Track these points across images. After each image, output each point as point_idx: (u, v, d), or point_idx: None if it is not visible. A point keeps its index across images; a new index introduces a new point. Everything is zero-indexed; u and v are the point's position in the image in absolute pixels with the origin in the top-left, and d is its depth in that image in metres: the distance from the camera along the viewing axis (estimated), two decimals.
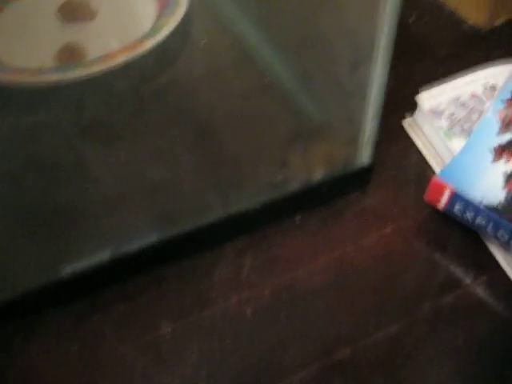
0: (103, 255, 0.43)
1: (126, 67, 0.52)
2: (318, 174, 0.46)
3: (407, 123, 0.53)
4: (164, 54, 0.54)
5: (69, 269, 0.43)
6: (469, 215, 0.43)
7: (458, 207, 0.43)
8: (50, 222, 0.43)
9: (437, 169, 0.49)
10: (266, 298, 0.43)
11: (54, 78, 0.53)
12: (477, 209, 0.43)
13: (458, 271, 0.45)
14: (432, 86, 0.53)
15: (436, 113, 0.50)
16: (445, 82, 0.52)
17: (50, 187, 0.44)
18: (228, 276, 0.44)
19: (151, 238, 0.44)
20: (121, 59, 0.53)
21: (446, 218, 0.46)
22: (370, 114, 0.44)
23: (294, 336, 0.42)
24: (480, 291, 0.44)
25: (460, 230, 0.46)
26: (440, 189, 0.44)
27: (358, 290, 0.44)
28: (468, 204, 0.43)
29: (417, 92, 0.53)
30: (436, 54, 0.59)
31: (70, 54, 0.56)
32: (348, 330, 0.42)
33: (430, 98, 0.51)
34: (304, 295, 0.43)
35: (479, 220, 0.43)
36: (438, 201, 0.44)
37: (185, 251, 0.45)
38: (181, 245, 0.45)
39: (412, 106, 0.53)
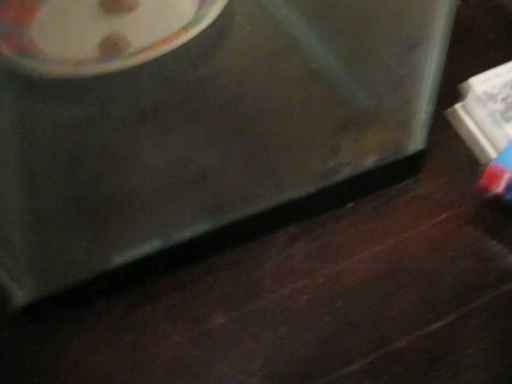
0: (154, 244, 0.43)
1: (171, 57, 0.51)
2: (371, 160, 0.45)
3: (460, 108, 0.52)
4: (208, 42, 0.53)
5: (119, 258, 0.43)
6: None
7: None
8: (100, 211, 0.43)
9: (492, 153, 0.48)
10: (320, 286, 0.42)
11: (97, 69, 0.53)
12: None
13: None
14: (483, 70, 0.51)
15: (491, 96, 0.49)
16: (498, 66, 0.51)
17: (101, 177, 0.43)
18: (281, 264, 0.44)
19: (202, 226, 0.43)
20: (164, 49, 0.52)
21: (501, 205, 0.45)
22: (425, 98, 0.43)
23: (351, 324, 0.41)
24: None
25: None
26: (498, 173, 0.43)
27: (414, 278, 0.43)
28: None
29: (467, 77, 0.51)
30: (486, 39, 0.58)
31: (113, 45, 0.56)
32: (405, 318, 0.41)
33: (484, 82, 0.50)
34: (359, 283, 0.42)
35: None
36: (496, 186, 0.43)
37: (236, 240, 0.44)
38: (232, 233, 0.44)
39: (461, 92, 0.52)
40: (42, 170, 0.44)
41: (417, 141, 0.46)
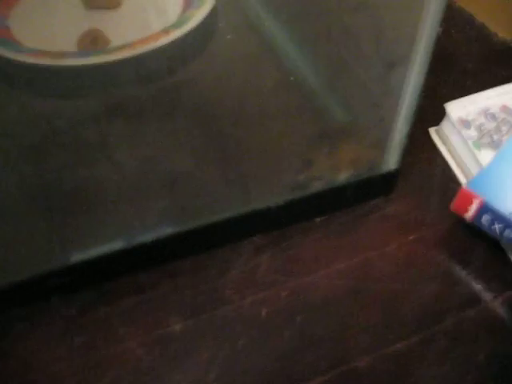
0: (115, 244, 0.42)
1: (149, 58, 0.51)
2: (343, 176, 0.45)
3: (434, 132, 0.52)
4: (189, 47, 0.52)
5: (78, 255, 0.41)
6: (497, 227, 0.42)
7: (486, 218, 0.42)
8: (62, 205, 0.42)
9: (462, 179, 0.48)
10: (282, 300, 0.41)
11: (75, 62, 0.52)
12: (506, 220, 0.41)
13: (480, 285, 0.43)
14: (460, 97, 0.52)
15: (465, 122, 0.49)
16: (474, 93, 0.51)
17: (66, 171, 0.42)
18: (244, 274, 0.43)
19: (167, 230, 0.42)
20: (143, 49, 0.52)
21: (470, 230, 0.45)
22: (402, 118, 0.43)
23: (311, 340, 0.40)
24: (503, 308, 0.42)
25: (484, 244, 0.45)
26: (469, 198, 0.43)
27: (378, 297, 0.42)
28: (497, 215, 0.41)
29: (444, 102, 0.52)
30: (464, 67, 0.58)
31: (91, 41, 0.55)
32: (366, 338, 0.40)
33: (459, 108, 0.50)
34: (322, 299, 0.42)
35: (508, 232, 0.42)
36: (466, 211, 0.43)
37: (201, 246, 0.43)
38: (197, 239, 0.43)
39: (439, 116, 0.52)
40: (3, 159, 0.42)
41: (391, 160, 0.45)
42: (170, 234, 0.42)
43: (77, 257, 0.41)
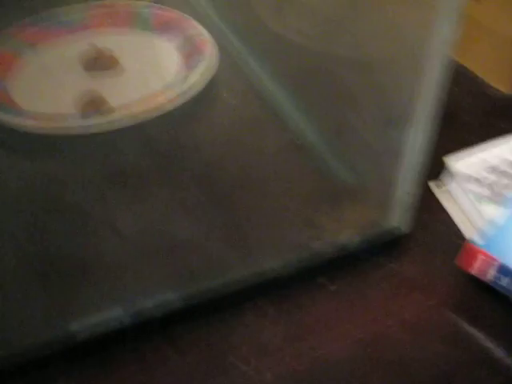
0: (118, 315, 0.40)
1: (151, 122, 0.51)
2: (347, 237, 0.44)
3: (434, 186, 0.51)
4: (189, 108, 0.53)
5: (79, 329, 0.40)
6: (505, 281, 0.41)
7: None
8: (61, 272, 0.41)
9: (466, 233, 0.47)
10: (288, 367, 0.40)
11: (75, 124, 0.52)
12: None
13: (491, 343, 0.42)
14: (460, 151, 0.51)
15: (465, 176, 0.49)
16: (479, 149, 0.51)
17: (66, 238, 0.41)
18: (247, 340, 0.41)
19: (168, 296, 0.41)
20: (146, 116, 0.52)
21: (479, 287, 0.44)
22: (408, 179, 0.42)
23: None
24: None
25: (494, 301, 0.44)
26: (480, 258, 0.42)
27: (388, 363, 0.41)
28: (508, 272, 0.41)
29: (442, 155, 0.51)
30: (463, 120, 0.58)
31: (89, 103, 0.55)
32: None
33: (459, 161, 0.50)
34: (328, 366, 0.40)
35: None
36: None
37: (202, 311, 0.42)
38: (198, 304, 0.42)
39: (437, 169, 0.52)
40: (2, 225, 0.42)
41: (400, 223, 0.45)
42: (171, 301, 0.41)
43: (78, 328, 0.40)
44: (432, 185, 0.52)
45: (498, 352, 0.41)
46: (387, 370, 0.40)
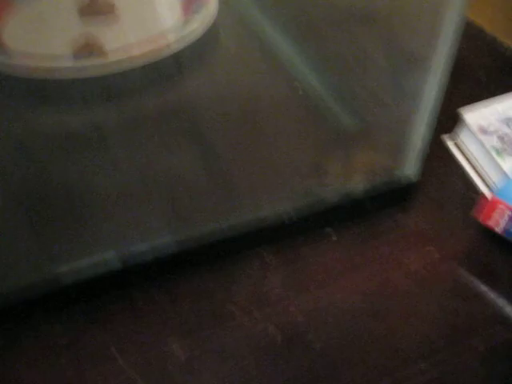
0: (109, 260, 0.37)
1: (149, 67, 0.48)
2: (357, 185, 0.41)
3: (448, 140, 0.49)
4: (191, 55, 0.50)
5: (68, 272, 0.37)
6: None
7: None
8: (51, 213, 0.38)
9: (483, 188, 0.45)
10: (291, 317, 0.37)
11: (69, 65, 0.49)
12: None
13: (508, 302, 0.39)
14: (475, 106, 0.49)
15: (482, 128, 0.46)
16: (493, 102, 0.48)
17: (57, 178, 0.38)
18: (249, 290, 0.38)
19: (164, 242, 0.38)
20: (144, 61, 0.49)
21: (494, 242, 0.41)
22: (421, 121, 0.40)
23: (325, 363, 0.36)
24: None
25: (508, 255, 0.41)
26: (499, 208, 0.39)
27: (399, 315, 0.38)
28: None
29: (455, 109, 0.49)
30: (475, 77, 0.56)
31: (85, 45, 0.52)
32: (388, 358, 0.36)
33: (474, 113, 0.47)
34: (336, 317, 0.37)
35: None
36: (494, 220, 0.39)
37: (201, 260, 0.39)
38: (198, 252, 0.39)
39: (451, 124, 0.49)
40: None
41: (408, 169, 0.42)
42: (168, 247, 0.38)
43: (65, 272, 0.37)
44: (446, 138, 0.49)
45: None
46: (392, 322, 0.37)
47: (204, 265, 0.39)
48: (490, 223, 0.40)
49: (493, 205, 0.39)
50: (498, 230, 0.40)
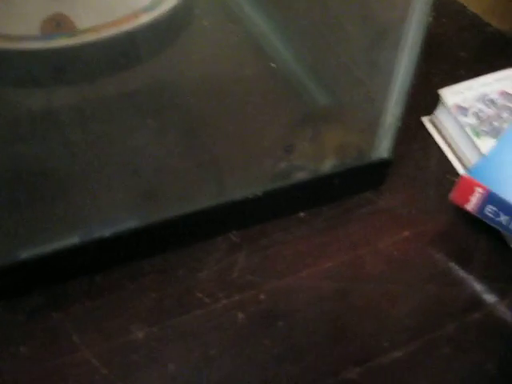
0: (69, 240, 0.36)
1: (116, 42, 0.46)
2: (329, 165, 0.40)
3: (427, 121, 0.47)
4: (161, 32, 0.48)
5: (26, 251, 0.35)
6: (503, 218, 0.37)
7: (490, 209, 0.37)
8: (9, 193, 0.36)
9: (460, 169, 0.44)
10: (260, 304, 0.36)
11: (36, 45, 0.48)
12: None
13: (483, 286, 0.38)
14: (455, 86, 0.47)
15: (462, 109, 0.45)
16: (473, 82, 0.47)
17: (15, 155, 0.37)
18: (217, 275, 0.37)
19: (129, 224, 0.37)
20: (110, 32, 0.47)
21: (470, 224, 0.40)
22: (394, 99, 0.38)
23: (293, 350, 0.35)
24: (510, 311, 0.37)
25: (486, 239, 0.40)
26: (471, 187, 0.38)
27: (371, 299, 0.37)
28: (503, 205, 0.37)
29: (436, 90, 0.47)
30: (457, 55, 0.54)
31: (57, 25, 0.50)
32: (358, 346, 0.35)
33: (455, 94, 0.46)
34: (306, 302, 0.36)
35: None
36: (467, 201, 0.38)
37: (167, 243, 0.38)
38: (163, 234, 0.38)
39: (431, 105, 0.48)
40: None
41: (381, 148, 0.41)
42: (132, 229, 0.37)
43: (24, 253, 0.35)
44: (425, 120, 0.48)
45: (491, 296, 0.38)
46: (362, 306, 0.36)
47: (171, 248, 0.38)
48: (465, 204, 0.39)
49: (467, 185, 0.38)
50: (473, 211, 0.39)
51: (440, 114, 0.46)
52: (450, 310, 0.37)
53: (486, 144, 0.42)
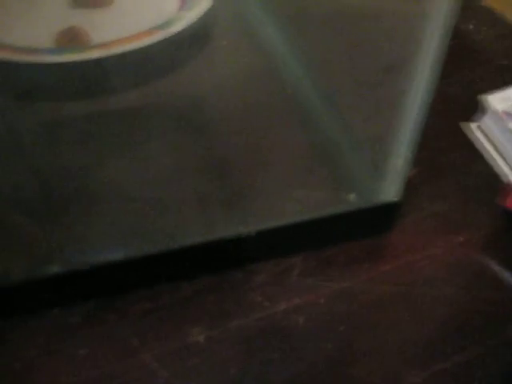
0: (130, 247, 0.36)
1: (129, 58, 0.46)
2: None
3: (472, 126, 0.47)
4: (177, 50, 0.48)
5: (87, 258, 0.35)
6: None
7: None
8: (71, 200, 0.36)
9: (509, 173, 0.43)
10: (321, 307, 0.36)
11: (49, 59, 0.48)
12: None
13: None
14: (497, 91, 0.47)
15: (506, 115, 0.44)
16: None
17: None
18: (275, 278, 0.37)
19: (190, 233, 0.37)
20: (124, 48, 0.47)
21: None
22: (404, 138, 0.37)
23: (355, 354, 0.34)
24: None
25: None
26: None
27: (430, 303, 0.37)
28: None
29: (476, 97, 0.47)
30: (499, 63, 0.54)
31: (71, 39, 0.50)
32: (419, 350, 0.35)
33: (503, 101, 0.45)
34: (366, 306, 0.36)
35: None
36: None
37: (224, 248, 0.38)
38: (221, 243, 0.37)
39: (471, 112, 0.48)
40: None
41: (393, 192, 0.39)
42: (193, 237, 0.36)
43: (84, 260, 0.35)
44: (468, 126, 0.47)
45: None
46: (426, 309, 0.36)
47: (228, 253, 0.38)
48: None
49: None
50: None
51: (483, 118, 0.46)
52: (509, 314, 0.37)
53: None
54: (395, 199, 0.38)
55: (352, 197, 0.38)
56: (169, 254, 0.36)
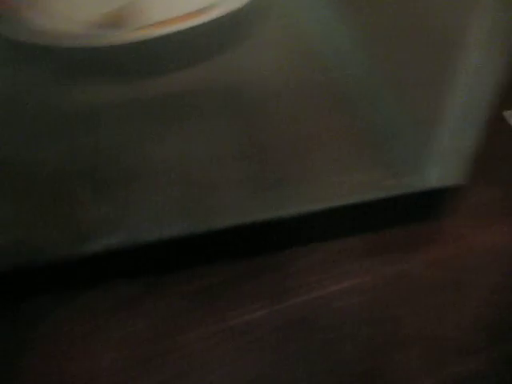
0: (186, 227, 0.36)
1: (182, 38, 0.45)
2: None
3: None
4: (223, 34, 0.47)
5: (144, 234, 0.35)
6: None
7: None
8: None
9: None
10: (378, 288, 0.36)
11: (98, 41, 0.47)
12: None
13: None
14: None
15: None
16: None
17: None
18: (332, 258, 0.37)
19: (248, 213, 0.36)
20: (176, 27, 0.47)
21: None
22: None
23: (402, 338, 0.34)
24: None
25: None
26: None
27: (483, 290, 0.37)
28: None
29: None
30: None
31: (116, 21, 0.49)
32: (472, 337, 0.35)
33: None
34: (420, 289, 0.36)
35: None
36: None
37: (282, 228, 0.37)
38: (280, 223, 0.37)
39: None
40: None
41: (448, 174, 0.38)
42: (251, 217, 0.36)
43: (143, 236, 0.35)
44: (509, 115, 0.47)
45: None
46: (482, 295, 0.36)
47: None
48: None
49: None
50: None
51: None
52: None
53: None
54: (452, 183, 0.38)
55: (407, 179, 0.38)
56: (225, 233, 0.36)
